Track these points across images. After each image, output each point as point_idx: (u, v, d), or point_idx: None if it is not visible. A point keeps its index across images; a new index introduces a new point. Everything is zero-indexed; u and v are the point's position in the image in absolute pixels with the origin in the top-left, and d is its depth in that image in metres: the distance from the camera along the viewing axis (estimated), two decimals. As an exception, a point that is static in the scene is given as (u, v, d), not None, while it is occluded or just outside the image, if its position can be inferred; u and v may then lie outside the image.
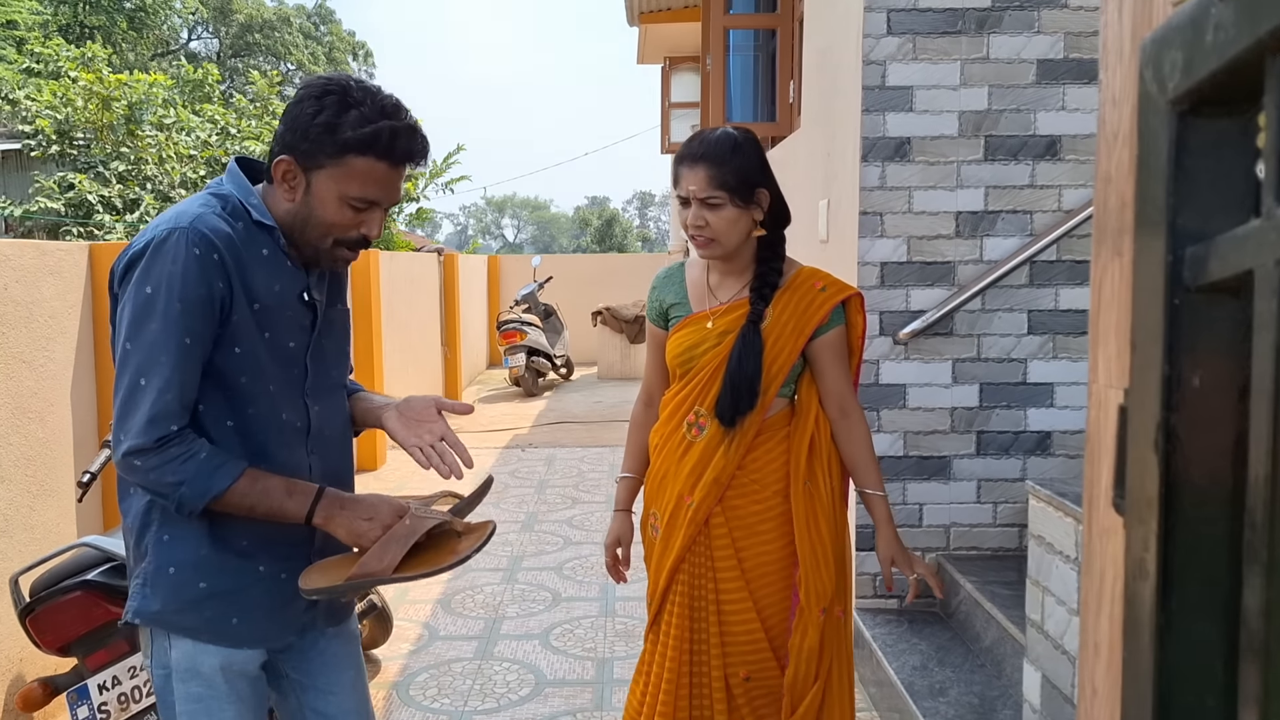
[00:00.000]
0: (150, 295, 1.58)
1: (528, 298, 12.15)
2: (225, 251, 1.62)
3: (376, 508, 1.74)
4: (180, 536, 1.70)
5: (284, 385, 1.75)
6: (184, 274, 1.58)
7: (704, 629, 2.28)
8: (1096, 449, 1.03)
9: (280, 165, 1.67)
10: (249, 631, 1.77)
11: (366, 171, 1.65)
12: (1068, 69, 3.58)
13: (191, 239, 1.59)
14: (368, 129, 1.62)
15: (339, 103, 1.63)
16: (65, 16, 25.72)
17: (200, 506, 1.61)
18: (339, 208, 1.67)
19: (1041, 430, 3.70)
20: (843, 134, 3.94)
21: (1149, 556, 0.80)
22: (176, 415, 1.60)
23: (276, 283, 1.71)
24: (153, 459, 1.58)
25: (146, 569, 1.72)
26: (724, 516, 2.25)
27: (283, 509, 1.67)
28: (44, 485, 3.46)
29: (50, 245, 3.59)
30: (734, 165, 2.16)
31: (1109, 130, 1.04)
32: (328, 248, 1.72)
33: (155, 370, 1.58)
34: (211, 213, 1.65)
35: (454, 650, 4.04)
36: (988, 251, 3.64)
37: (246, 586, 1.75)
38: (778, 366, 2.21)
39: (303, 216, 1.69)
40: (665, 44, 10.73)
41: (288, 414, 1.76)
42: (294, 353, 1.77)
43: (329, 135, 1.62)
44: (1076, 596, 2.05)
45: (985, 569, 3.58)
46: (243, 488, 1.63)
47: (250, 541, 1.74)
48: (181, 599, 1.71)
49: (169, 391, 1.58)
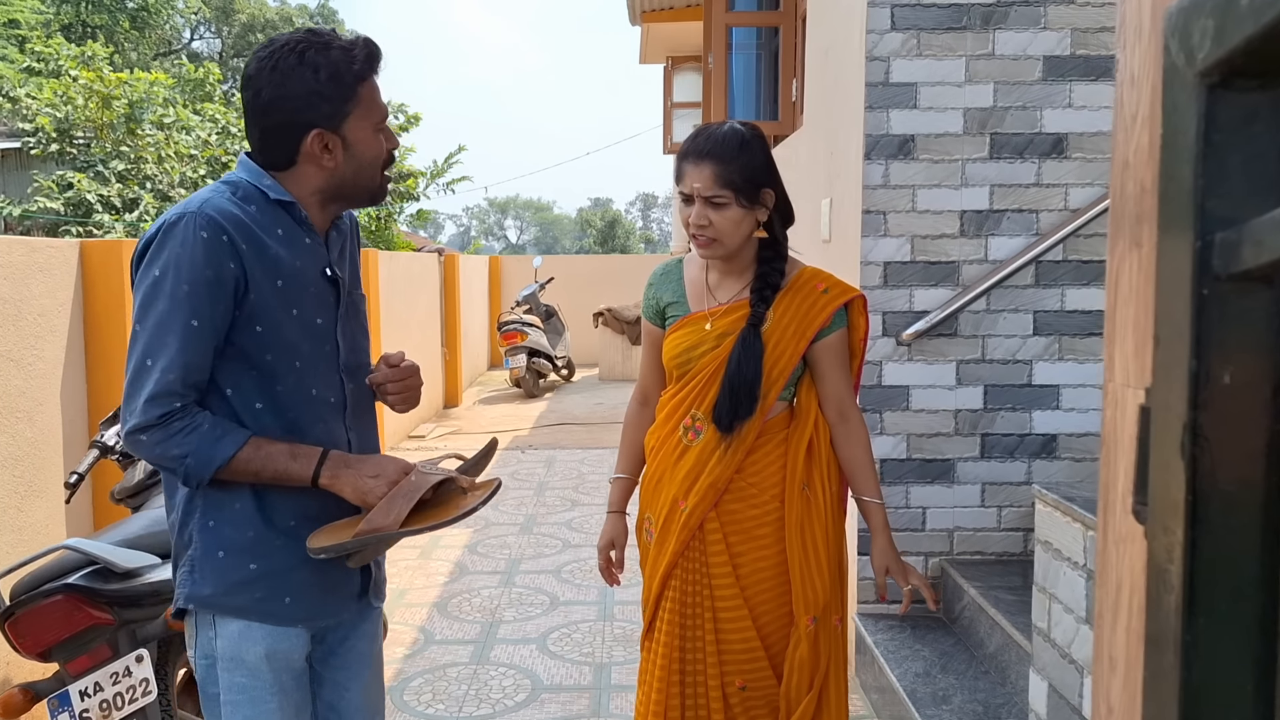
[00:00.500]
0: (158, 278, 1.62)
1: (529, 298, 12.10)
2: (235, 233, 1.65)
3: (382, 465, 1.76)
4: (226, 520, 1.74)
5: (316, 361, 1.79)
6: (191, 256, 1.61)
7: (698, 637, 2.22)
8: (1113, 452, 0.97)
9: (313, 142, 1.71)
10: (302, 610, 1.80)
11: (372, 93, 1.74)
12: (1075, 65, 3.52)
13: (199, 222, 1.63)
14: (359, 52, 1.71)
15: (320, 53, 1.69)
16: (67, 15, 25.71)
17: (207, 476, 1.64)
18: (375, 138, 1.76)
19: (1047, 433, 3.64)
20: (846, 132, 3.88)
21: (1173, 568, 0.75)
22: (179, 394, 1.63)
23: (298, 259, 1.75)
24: (157, 434, 1.62)
25: (194, 555, 1.75)
26: (719, 522, 2.19)
27: (288, 471, 1.69)
28: (32, 486, 3.40)
29: (39, 242, 3.54)
30: (741, 163, 2.09)
31: (1126, 112, 0.98)
32: (380, 181, 1.80)
33: (161, 350, 1.62)
34: (221, 197, 1.69)
35: (449, 654, 3.99)
36: (993, 251, 3.58)
37: (295, 566, 1.77)
38: (778, 371, 2.15)
39: (352, 170, 1.75)
40: (668, 43, 10.68)
41: (319, 389, 1.79)
42: (324, 329, 1.80)
43: (338, 83, 1.69)
44: (1085, 604, 1.99)
45: (989, 574, 3.52)
46: (247, 454, 1.66)
47: (297, 521, 1.77)
48: (232, 581, 1.74)
49: (172, 371, 1.62)
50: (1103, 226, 3.54)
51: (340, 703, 1.96)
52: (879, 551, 2.26)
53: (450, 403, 10.84)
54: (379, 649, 2.07)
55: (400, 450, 8.22)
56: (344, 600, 1.90)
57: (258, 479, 1.69)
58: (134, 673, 2.38)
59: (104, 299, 3.82)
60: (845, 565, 2.27)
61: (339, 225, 1.89)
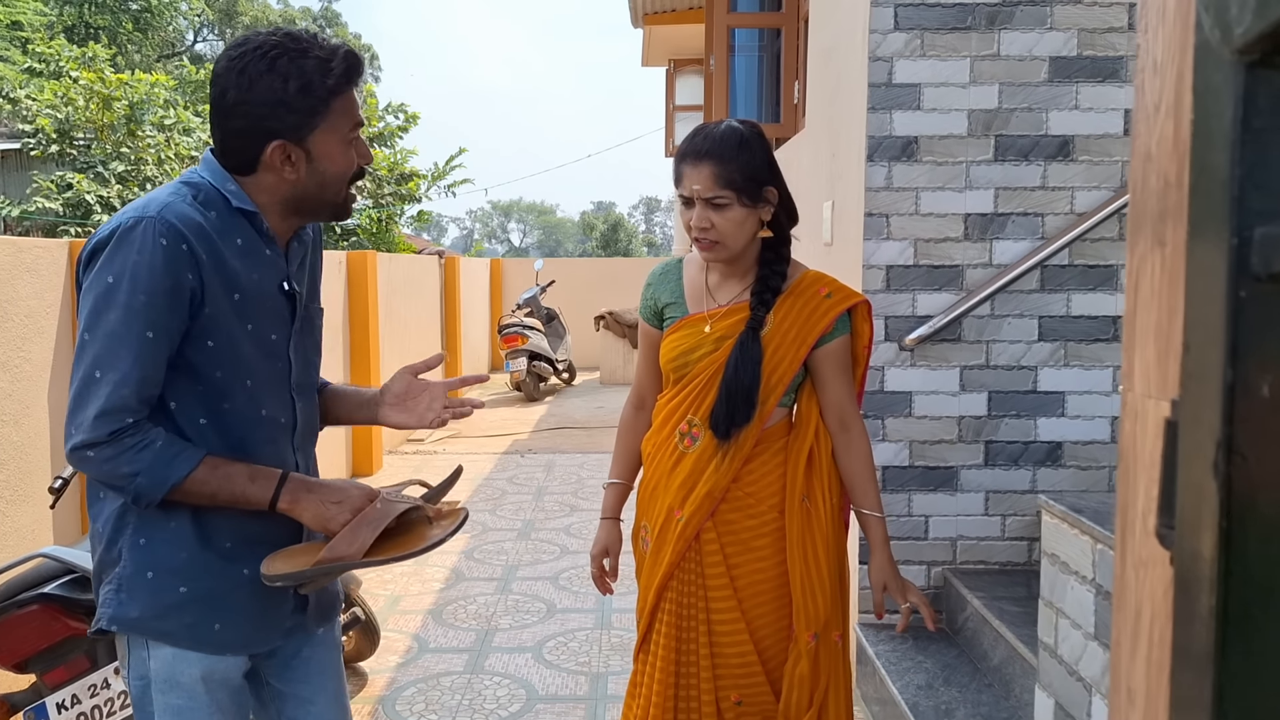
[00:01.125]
0: (112, 285, 1.52)
1: (530, 301, 12.05)
2: (195, 241, 1.56)
3: (345, 491, 1.68)
4: (159, 540, 1.63)
5: (267, 379, 1.70)
6: (150, 264, 1.51)
7: (692, 649, 2.15)
8: (1131, 468, 0.91)
9: (274, 153, 1.62)
10: (232, 637, 1.69)
11: (345, 105, 1.65)
12: (1081, 67, 3.46)
13: (159, 229, 1.53)
14: (338, 67, 1.62)
15: (292, 61, 1.59)
16: (71, 17, 25.71)
17: (159, 497, 1.55)
18: (343, 151, 1.67)
19: (1052, 441, 3.57)
20: (848, 133, 3.81)
21: (1205, 598, 0.68)
22: (133, 409, 1.53)
23: (255, 271, 1.66)
24: (106, 450, 1.52)
25: (122, 573, 1.65)
26: (716, 532, 2.12)
27: (245, 494, 1.60)
28: (18, 491, 3.34)
29: (27, 242, 3.48)
30: (741, 162, 2.02)
31: (1148, 101, 0.91)
32: (345, 195, 1.72)
33: (112, 363, 1.51)
34: (182, 201, 1.59)
35: (443, 663, 3.92)
36: (997, 255, 3.52)
37: (229, 591, 1.68)
38: (777, 377, 2.08)
39: (315, 184, 1.66)
40: (670, 46, 10.62)
41: (269, 409, 1.70)
42: (277, 345, 1.72)
43: (307, 95, 1.59)
44: (1093, 620, 1.93)
45: (993, 584, 3.45)
46: (202, 475, 1.57)
47: (234, 544, 1.68)
48: (161, 604, 1.63)
49: (125, 386, 1.52)
50: (1110, 231, 3.47)
51: (307, 718, 1.88)
52: (877, 567, 2.19)
53: (450, 406, 10.77)
54: (339, 657, 1.98)
55: (399, 454, 8.16)
56: (276, 628, 1.79)
57: (213, 501, 1.60)
58: (113, 685, 2.32)
59: (93, 300, 3.76)
60: (847, 579, 2.20)
61: (301, 236, 1.80)
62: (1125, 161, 3.47)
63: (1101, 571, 1.88)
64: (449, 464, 7.85)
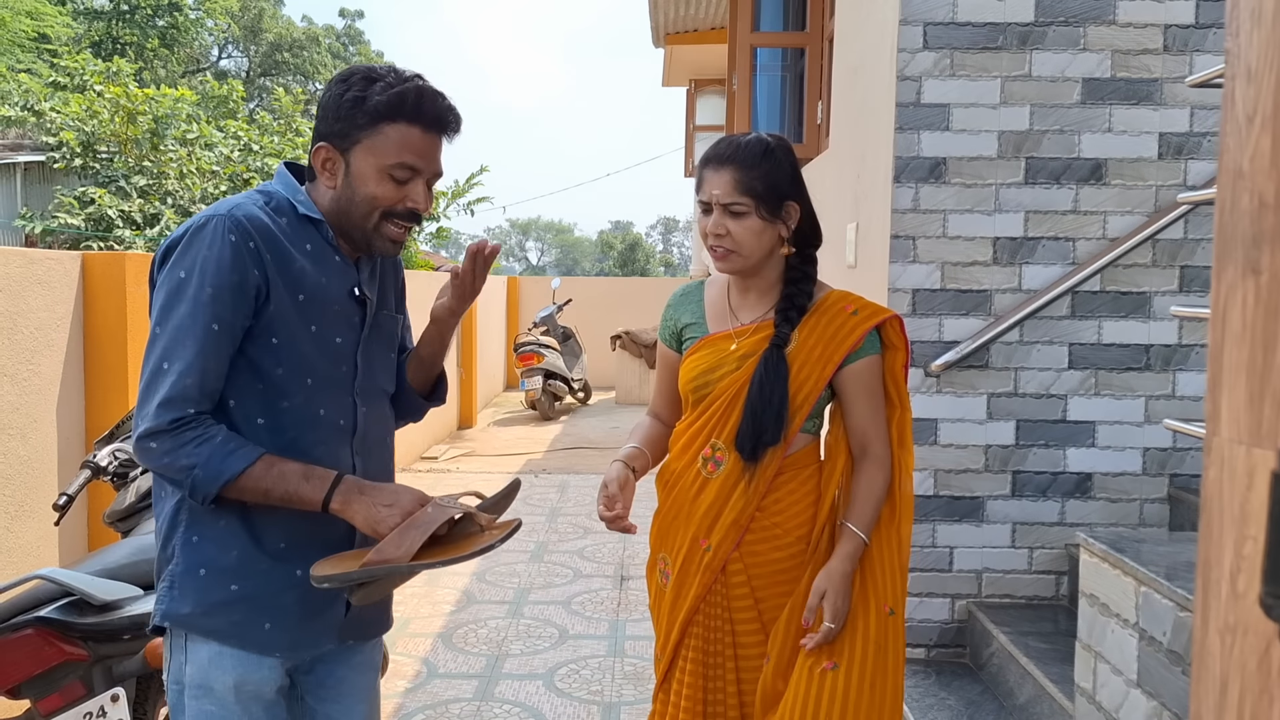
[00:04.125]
0: (183, 279, 1.58)
1: (546, 320, 11.99)
2: (261, 240, 1.62)
3: (397, 494, 1.67)
4: (211, 538, 1.67)
5: (329, 381, 1.73)
6: (218, 259, 1.58)
7: (720, 686, 2.05)
8: (1216, 522, 0.82)
9: (319, 154, 1.68)
10: (281, 638, 1.71)
11: (400, 138, 1.65)
12: (1115, 89, 3.38)
13: (228, 225, 1.60)
14: (394, 91, 1.63)
15: (364, 79, 1.66)
16: (98, 32, 25.98)
17: (214, 491, 1.57)
18: (380, 180, 1.66)
19: (1082, 471, 3.46)
20: (874, 154, 3.74)
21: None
22: (194, 400, 1.58)
23: (323, 276, 1.70)
24: (167, 442, 1.56)
25: (175, 570, 1.69)
26: (743, 564, 2.03)
27: (299, 493, 1.61)
28: (23, 506, 3.28)
29: (39, 254, 3.43)
30: (763, 171, 1.96)
31: (1239, 112, 0.83)
32: (375, 225, 1.69)
33: (179, 354, 1.57)
34: (253, 204, 1.66)
35: (453, 690, 3.83)
36: (1027, 280, 3.43)
37: (280, 591, 1.70)
38: (802, 396, 1.99)
39: (347, 198, 1.68)
40: (691, 66, 10.59)
41: (328, 410, 1.72)
42: (342, 349, 1.75)
43: (358, 108, 1.63)
44: (1136, 666, 1.83)
45: (1020, 619, 3.35)
46: (258, 471, 1.59)
47: (287, 544, 1.70)
48: (211, 601, 1.67)
49: (189, 375, 1.57)
50: (1143, 257, 3.38)
51: None
52: (827, 573, 1.97)
53: (465, 424, 10.72)
54: (375, 681, 1.97)
55: (412, 471, 8.10)
56: (324, 633, 1.79)
57: (266, 498, 1.61)
58: (109, 713, 2.24)
59: (105, 313, 3.71)
60: None
61: None
62: (1160, 186, 3.38)
63: (1146, 615, 1.78)
64: (462, 483, 7.78)
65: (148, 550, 2.53)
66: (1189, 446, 3.44)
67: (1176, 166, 3.38)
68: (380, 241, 1.72)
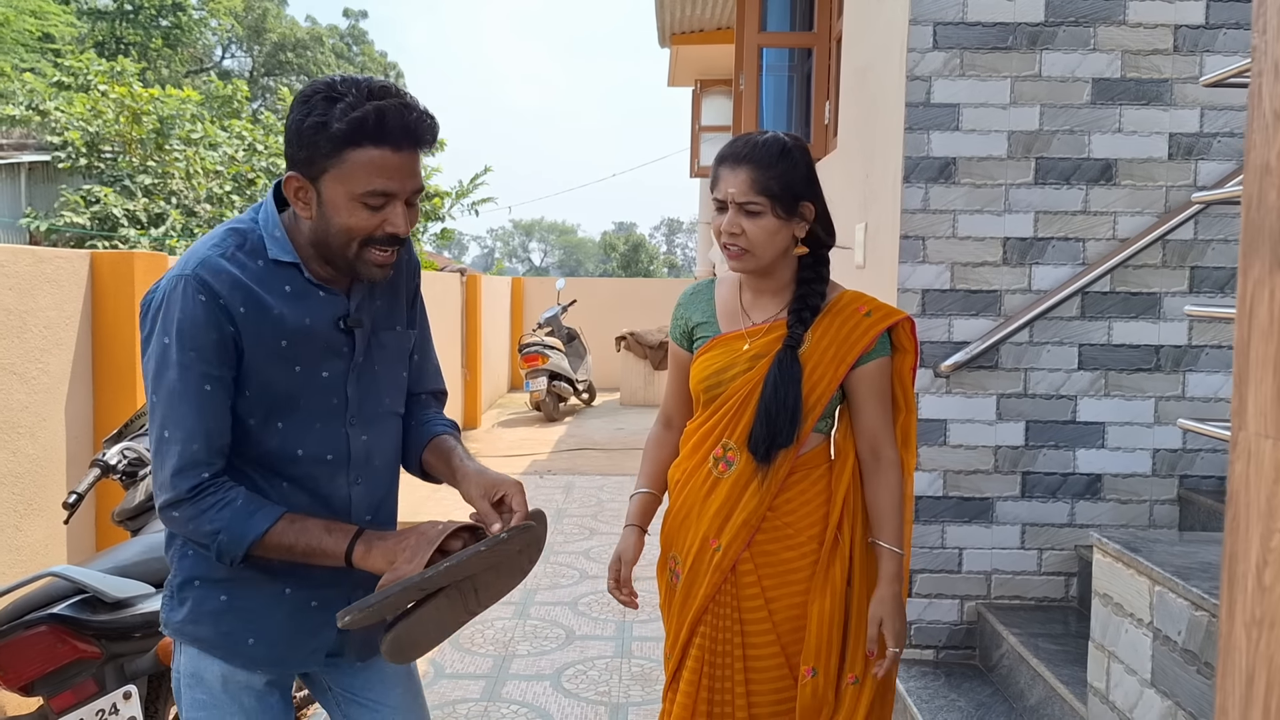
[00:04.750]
0: (166, 345, 1.56)
1: (551, 321, 11.99)
2: (230, 295, 1.58)
3: (417, 529, 1.64)
4: (202, 553, 1.67)
5: (310, 419, 1.68)
6: (193, 321, 1.55)
7: (727, 686, 2.05)
8: (1242, 516, 0.81)
9: (289, 184, 1.60)
10: (264, 654, 1.72)
11: (367, 162, 1.54)
12: (1125, 89, 3.37)
13: (195, 286, 1.56)
14: (354, 115, 1.51)
15: (325, 99, 1.54)
16: (102, 32, 26.01)
17: (240, 553, 1.57)
18: (352, 208, 1.57)
19: (1091, 473, 3.46)
20: (883, 154, 3.73)
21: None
22: (205, 463, 1.57)
23: (306, 315, 1.65)
24: (188, 509, 1.57)
25: (173, 581, 1.73)
26: (754, 563, 2.03)
27: (321, 546, 1.61)
28: (32, 504, 3.28)
29: (48, 252, 3.43)
30: (779, 171, 1.95)
31: (1267, 108, 0.82)
32: (355, 254, 1.61)
33: (177, 421, 1.56)
34: (219, 255, 1.60)
35: (460, 690, 3.83)
36: (1036, 280, 3.42)
37: (268, 607, 1.70)
38: (815, 397, 1.99)
39: (323, 229, 1.60)
40: (697, 66, 10.59)
41: (306, 448, 1.68)
42: (330, 382, 1.69)
43: (320, 134, 1.53)
44: (1150, 666, 1.82)
45: (1029, 620, 3.34)
46: (280, 529, 1.59)
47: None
48: (201, 611, 1.69)
49: (194, 441, 1.56)
50: (1153, 258, 3.38)
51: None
52: (879, 601, 2.02)
53: (469, 425, 10.72)
54: (411, 669, 1.96)
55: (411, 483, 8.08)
56: (312, 653, 1.78)
57: (291, 554, 1.61)
58: (121, 710, 2.24)
59: (114, 312, 3.71)
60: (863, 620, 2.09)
61: None
62: (1170, 186, 3.37)
63: (1160, 615, 1.78)
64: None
65: (158, 548, 2.53)
66: (1199, 448, 3.43)
67: (1187, 167, 3.37)
68: (365, 268, 1.63)
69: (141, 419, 3.11)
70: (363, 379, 1.73)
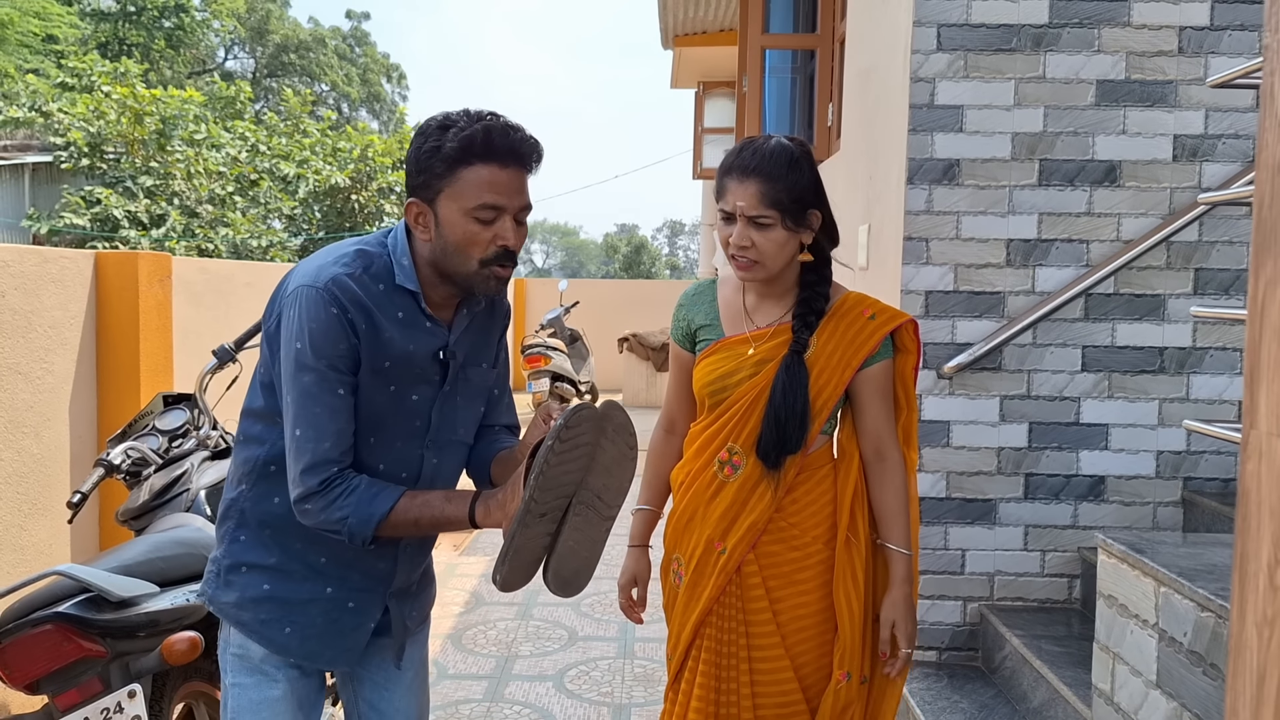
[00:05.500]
0: (300, 350, 1.67)
1: (553, 322, 11.98)
2: (355, 313, 1.68)
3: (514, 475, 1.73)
4: (253, 541, 1.80)
5: (396, 437, 1.79)
6: (324, 331, 1.66)
7: (733, 687, 2.05)
8: (1254, 515, 0.81)
9: (410, 210, 1.73)
10: (299, 646, 1.82)
11: (477, 179, 1.66)
12: (1129, 91, 3.37)
13: (327, 299, 1.66)
14: (463, 134, 1.65)
15: (439, 128, 1.68)
16: (105, 33, 26.05)
17: (369, 534, 1.67)
18: (465, 225, 1.68)
19: (1095, 475, 3.45)
20: (887, 156, 3.74)
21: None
22: (334, 460, 1.68)
23: (410, 342, 1.75)
24: (319, 501, 1.67)
25: (222, 560, 1.83)
26: (758, 565, 2.03)
27: (445, 513, 1.71)
28: (36, 504, 3.29)
29: (53, 252, 3.44)
30: (789, 182, 1.93)
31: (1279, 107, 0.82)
32: (474, 270, 1.72)
33: (309, 421, 1.67)
34: (346, 275, 1.70)
35: (462, 690, 3.83)
36: (1040, 282, 3.42)
37: (307, 602, 1.81)
38: (822, 401, 1.99)
39: (440, 249, 1.71)
40: (699, 68, 10.60)
41: (388, 464, 1.79)
42: (418, 405, 1.80)
43: (435, 157, 1.67)
44: (1155, 667, 1.82)
45: (1032, 622, 3.34)
46: (404, 505, 1.69)
47: (328, 560, 1.80)
48: (246, 596, 1.80)
49: (325, 440, 1.67)
50: (1157, 259, 3.38)
51: (381, 702, 1.99)
52: (891, 603, 2.04)
53: (471, 426, 10.71)
54: (423, 654, 2.08)
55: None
56: (348, 651, 1.89)
57: (418, 528, 1.72)
58: (125, 709, 2.24)
59: (118, 312, 3.71)
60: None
61: (471, 304, 1.85)
62: (1174, 188, 3.37)
63: (1166, 616, 1.78)
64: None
65: (162, 548, 2.54)
66: (1203, 450, 3.43)
67: (1191, 169, 3.37)
68: (482, 283, 1.74)
69: (145, 419, 3.11)
70: (445, 407, 1.84)
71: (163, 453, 3.00)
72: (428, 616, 2.08)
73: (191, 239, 11.97)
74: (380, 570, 1.85)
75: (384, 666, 1.98)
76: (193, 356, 4.22)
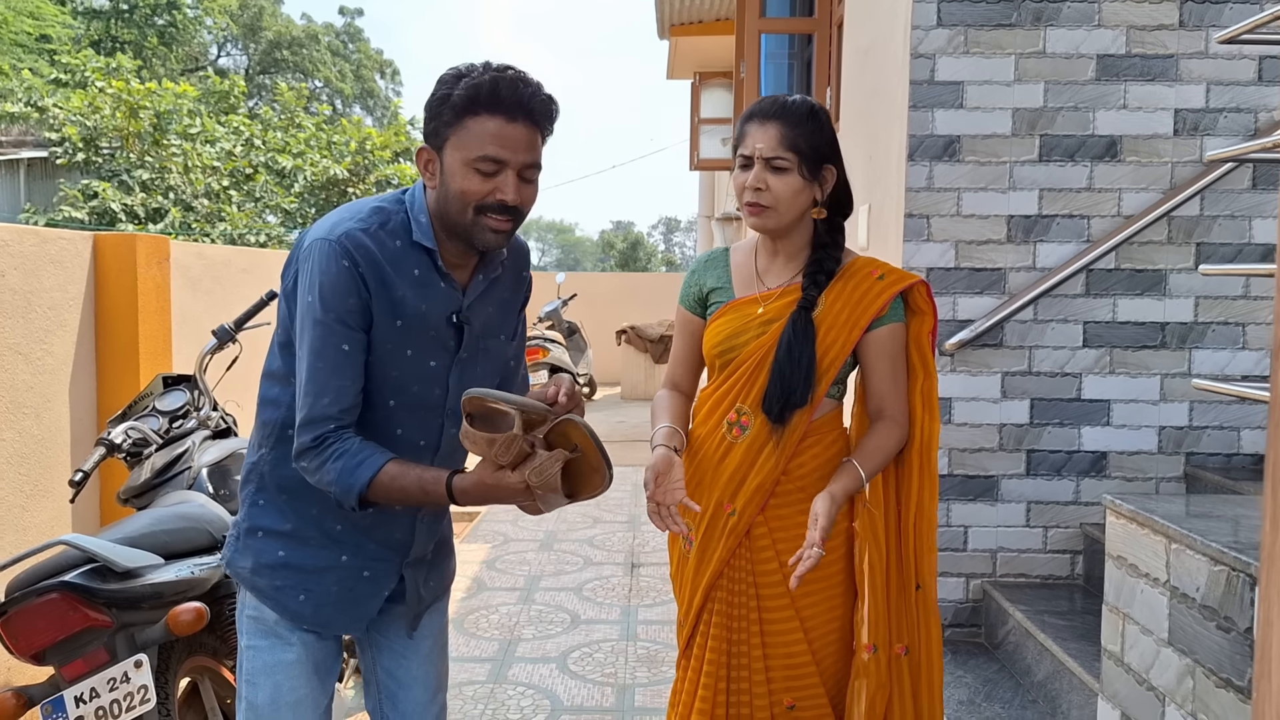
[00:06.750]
0: (310, 303, 1.66)
1: (551, 314, 11.97)
2: (366, 268, 1.67)
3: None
4: (270, 506, 1.80)
5: (415, 403, 1.77)
6: (334, 284, 1.65)
7: (744, 650, 2.04)
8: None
9: (420, 156, 1.73)
10: (312, 613, 1.82)
11: (481, 130, 1.64)
12: (1130, 65, 3.37)
13: (337, 251, 1.65)
14: (473, 83, 1.63)
15: (453, 77, 1.66)
16: (98, 31, 25.98)
17: (353, 500, 1.64)
18: (465, 173, 1.66)
19: (1096, 450, 3.46)
20: (887, 134, 3.73)
21: None
22: (333, 417, 1.65)
23: (424, 302, 1.73)
24: (313, 459, 1.65)
25: (240, 525, 1.84)
26: (767, 527, 2.02)
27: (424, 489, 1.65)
28: (38, 484, 3.28)
29: (51, 233, 3.42)
30: (808, 130, 1.96)
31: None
32: (470, 220, 1.69)
33: (312, 376, 1.66)
34: (360, 230, 1.69)
35: (466, 672, 3.82)
36: (1041, 258, 3.42)
37: (322, 569, 1.80)
38: (829, 360, 1.98)
39: (443, 196, 1.69)
40: (696, 58, 10.58)
41: (406, 430, 1.77)
42: (436, 372, 1.78)
43: (444, 105, 1.65)
44: (1167, 625, 1.82)
45: (1035, 597, 3.34)
46: (390, 473, 1.64)
47: (344, 527, 1.79)
48: (261, 562, 1.80)
49: (325, 395, 1.65)
50: (1158, 234, 3.38)
51: (399, 670, 1.99)
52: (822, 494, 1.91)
53: (469, 418, 10.70)
54: (442, 624, 2.07)
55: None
56: (355, 622, 1.90)
57: (405, 497, 1.67)
58: (132, 679, 2.23)
59: (117, 293, 3.70)
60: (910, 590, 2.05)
61: (489, 269, 1.82)
62: (1175, 162, 3.37)
63: (1177, 573, 1.78)
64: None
65: (166, 521, 2.53)
66: (1206, 425, 3.43)
67: (1192, 143, 3.37)
68: (480, 234, 1.70)
69: (145, 401, 3.10)
70: (464, 376, 1.80)
71: (163, 433, 2.99)
72: (447, 589, 2.08)
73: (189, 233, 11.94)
74: (397, 540, 1.84)
75: (401, 635, 1.97)
76: (190, 341, 4.21)
